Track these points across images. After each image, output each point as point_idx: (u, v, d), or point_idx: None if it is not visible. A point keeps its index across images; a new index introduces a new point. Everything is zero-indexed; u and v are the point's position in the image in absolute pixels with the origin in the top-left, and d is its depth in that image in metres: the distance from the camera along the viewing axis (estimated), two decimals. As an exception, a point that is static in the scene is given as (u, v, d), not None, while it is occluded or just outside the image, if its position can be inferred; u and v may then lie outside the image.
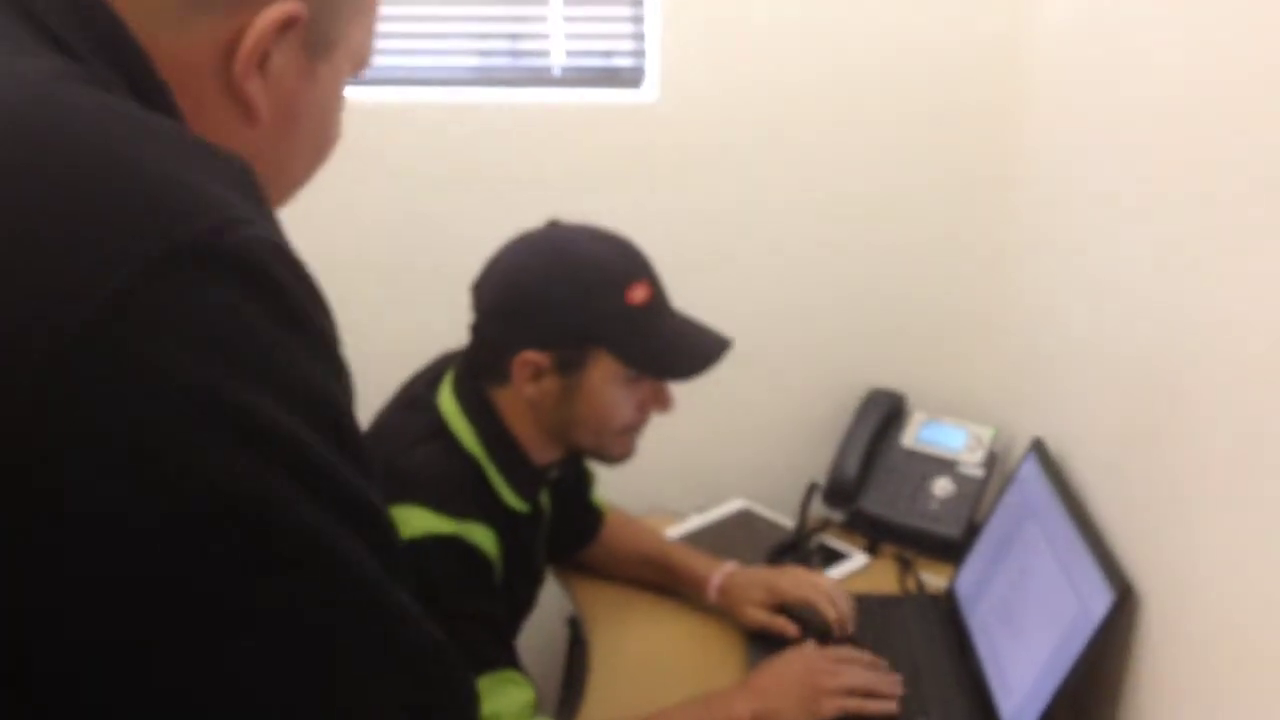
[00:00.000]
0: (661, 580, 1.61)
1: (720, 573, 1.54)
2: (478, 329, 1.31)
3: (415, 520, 1.16)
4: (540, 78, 1.83)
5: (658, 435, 1.95)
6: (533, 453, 1.32)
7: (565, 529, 1.60)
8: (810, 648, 1.40)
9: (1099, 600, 1.19)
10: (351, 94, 2.08)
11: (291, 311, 0.52)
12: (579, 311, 1.24)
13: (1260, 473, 0.98)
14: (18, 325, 0.45)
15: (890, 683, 1.36)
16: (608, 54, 1.83)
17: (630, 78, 1.82)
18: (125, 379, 0.45)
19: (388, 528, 0.56)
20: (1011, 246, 1.80)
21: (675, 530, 1.77)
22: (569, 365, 1.26)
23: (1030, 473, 1.49)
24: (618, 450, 1.36)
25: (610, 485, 1.71)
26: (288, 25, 0.62)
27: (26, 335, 0.45)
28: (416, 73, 1.83)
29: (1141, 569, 1.21)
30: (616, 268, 1.26)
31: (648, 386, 1.32)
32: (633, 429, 1.35)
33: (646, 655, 1.50)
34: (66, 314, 0.45)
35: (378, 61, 1.82)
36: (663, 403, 1.35)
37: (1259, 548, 0.98)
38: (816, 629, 1.46)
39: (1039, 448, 1.50)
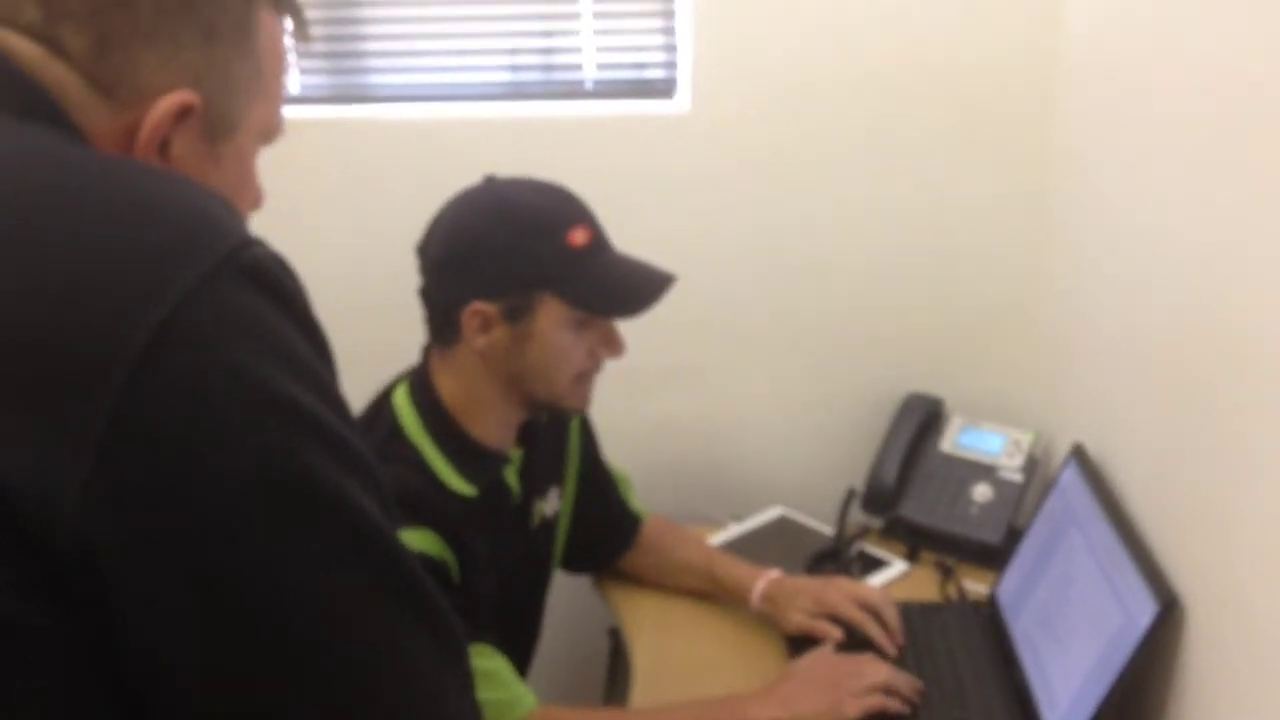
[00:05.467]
0: (705, 588, 1.62)
1: (764, 579, 1.54)
2: (426, 291, 1.34)
3: None
4: (572, 90, 1.84)
5: (695, 444, 1.96)
6: (482, 428, 1.34)
7: (601, 530, 1.63)
8: (828, 650, 1.41)
9: (1143, 611, 1.18)
10: (387, 111, 2.09)
11: (299, 315, 0.60)
12: (521, 257, 1.27)
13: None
14: (94, 333, 0.52)
15: (910, 683, 1.36)
16: (639, 66, 1.83)
17: (662, 89, 1.82)
18: (202, 373, 0.54)
19: (380, 480, 0.63)
20: (1048, 249, 1.79)
21: (714, 539, 1.78)
22: (517, 312, 1.28)
23: (1071, 479, 1.48)
24: (573, 400, 1.37)
25: (647, 493, 1.72)
26: (183, 114, 0.67)
27: (106, 338, 0.52)
28: (449, 89, 1.85)
29: (1187, 579, 1.20)
30: (554, 213, 1.30)
31: (596, 331, 1.34)
32: (585, 376, 1.36)
33: (689, 665, 1.51)
34: (142, 319, 0.52)
35: (412, 79, 1.84)
36: (612, 346, 1.36)
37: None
38: (860, 636, 1.46)
39: (1079, 453, 1.49)
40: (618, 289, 1.31)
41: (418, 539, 1.21)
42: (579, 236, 1.28)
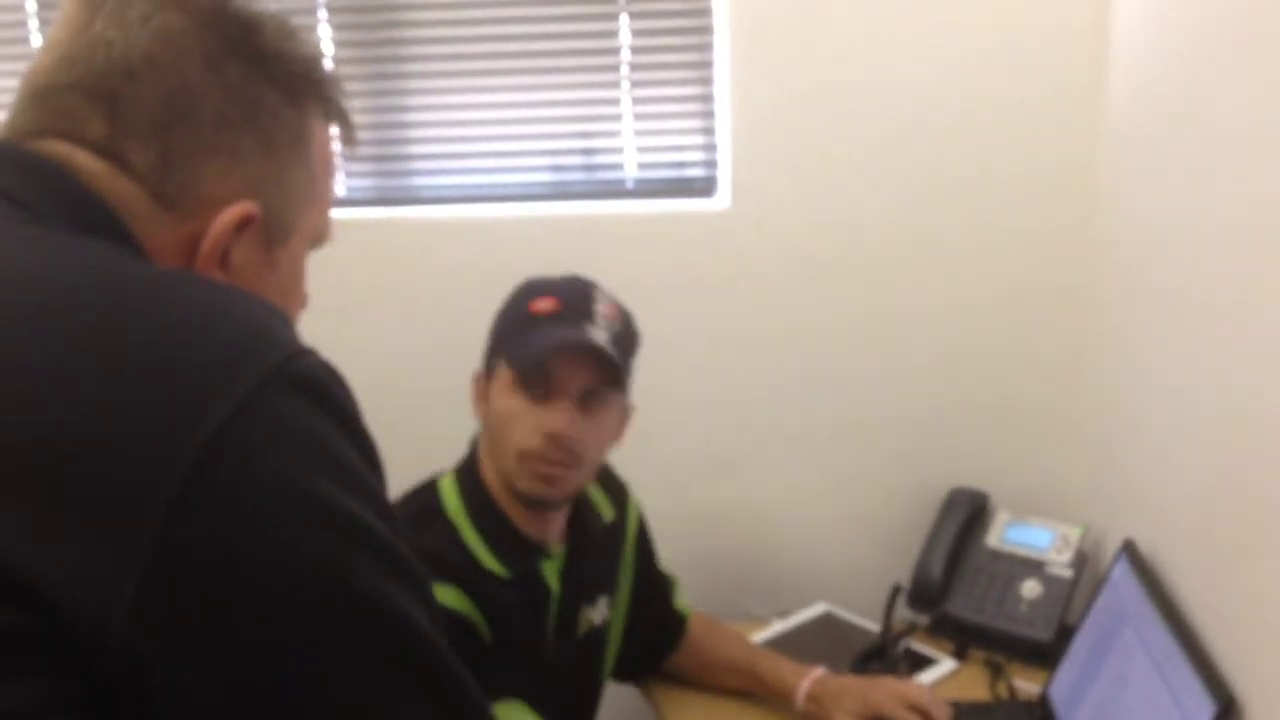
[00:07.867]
0: (748, 687, 1.59)
1: (809, 679, 1.51)
2: None
3: None
4: (614, 190, 1.87)
5: (738, 539, 1.95)
6: (519, 513, 1.34)
7: (647, 635, 1.60)
8: None
9: (1200, 712, 1.15)
10: (431, 213, 2.13)
11: (348, 423, 0.61)
12: (497, 324, 1.35)
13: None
14: (147, 446, 0.53)
15: None
16: (679, 165, 1.86)
17: (702, 187, 1.85)
18: (250, 484, 0.54)
19: (430, 588, 0.63)
20: (1095, 341, 1.78)
21: (758, 636, 1.75)
22: (489, 377, 1.34)
23: (1122, 575, 1.45)
24: (522, 480, 1.30)
25: (690, 588, 1.71)
26: (244, 225, 0.69)
27: (158, 451, 0.52)
28: (492, 189, 1.88)
29: (1244, 679, 1.17)
30: (542, 287, 1.33)
31: (549, 410, 1.28)
32: (530, 456, 1.28)
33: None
34: (193, 432, 0.53)
35: (456, 180, 1.88)
36: (552, 423, 1.27)
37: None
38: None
39: (1130, 549, 1.47)
40: (537, 344, 1.26)
41: (444, 594, 1.21)
42: (543, 305, 1.29)
